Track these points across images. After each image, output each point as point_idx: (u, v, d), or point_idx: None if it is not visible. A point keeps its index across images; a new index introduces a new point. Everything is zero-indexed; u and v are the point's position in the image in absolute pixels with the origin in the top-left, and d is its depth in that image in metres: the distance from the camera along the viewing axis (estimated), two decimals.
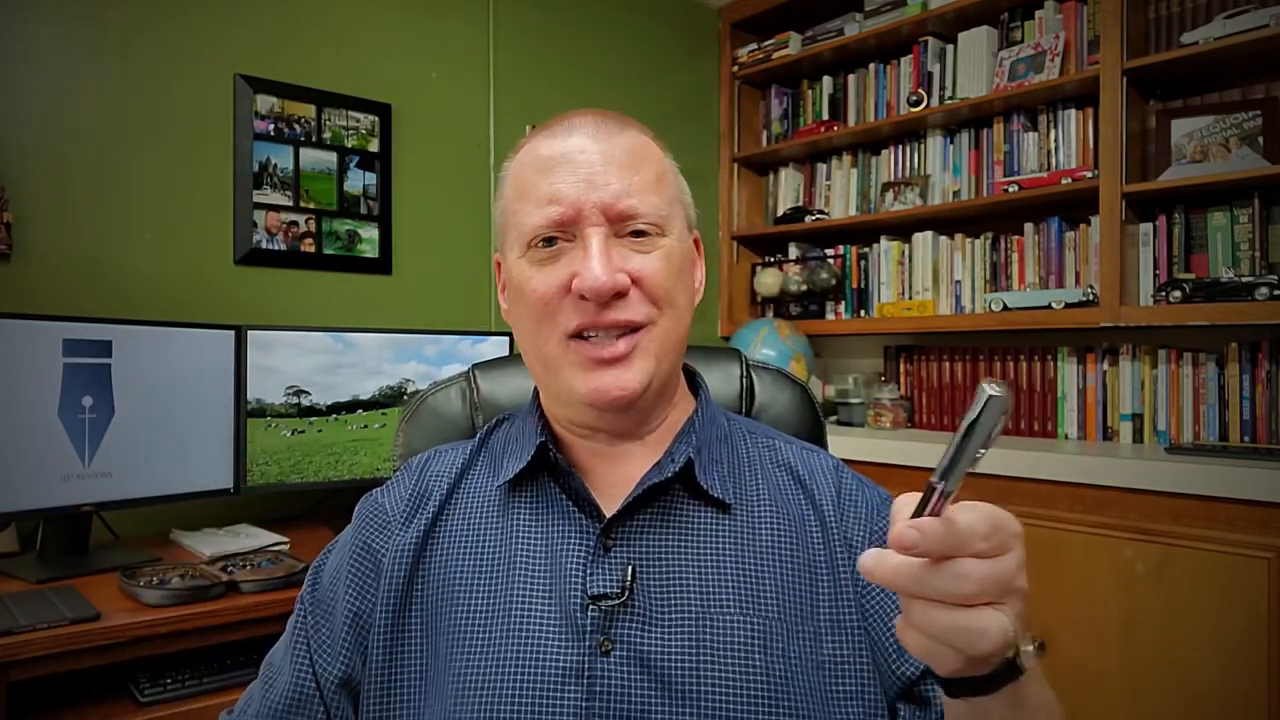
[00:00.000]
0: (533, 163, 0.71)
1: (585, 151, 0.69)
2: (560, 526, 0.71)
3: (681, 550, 0.69)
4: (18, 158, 1.78)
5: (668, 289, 0.69)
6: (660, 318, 0.69)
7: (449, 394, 0.97)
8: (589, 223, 0.67)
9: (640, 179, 0.69)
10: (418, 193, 2.41)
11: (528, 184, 0.70)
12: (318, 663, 0.71)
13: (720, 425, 0.78)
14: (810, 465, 0.77)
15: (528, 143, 0.73)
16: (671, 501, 0.71)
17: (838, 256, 2.98)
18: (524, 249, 0.70)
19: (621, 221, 0.68)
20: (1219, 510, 1.77)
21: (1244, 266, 2.14)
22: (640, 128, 0.74)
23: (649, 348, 0.69)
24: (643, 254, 0.69)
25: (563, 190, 0.67)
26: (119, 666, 1.39)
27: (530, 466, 0.72)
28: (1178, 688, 1.79)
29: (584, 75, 2.77)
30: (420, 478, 0.78)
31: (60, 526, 1.62)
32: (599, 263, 0.66)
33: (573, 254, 0.68)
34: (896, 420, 2.69)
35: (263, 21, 2.12)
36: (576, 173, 0.68)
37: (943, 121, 2.70)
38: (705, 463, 0.72)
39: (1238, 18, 2.06)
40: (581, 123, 0.71)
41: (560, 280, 0.68)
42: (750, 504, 0.73)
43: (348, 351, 1.99)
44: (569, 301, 0.68)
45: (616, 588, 0.66)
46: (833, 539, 0.72)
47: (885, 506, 0.75)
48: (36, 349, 1.54)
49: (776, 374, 1.02)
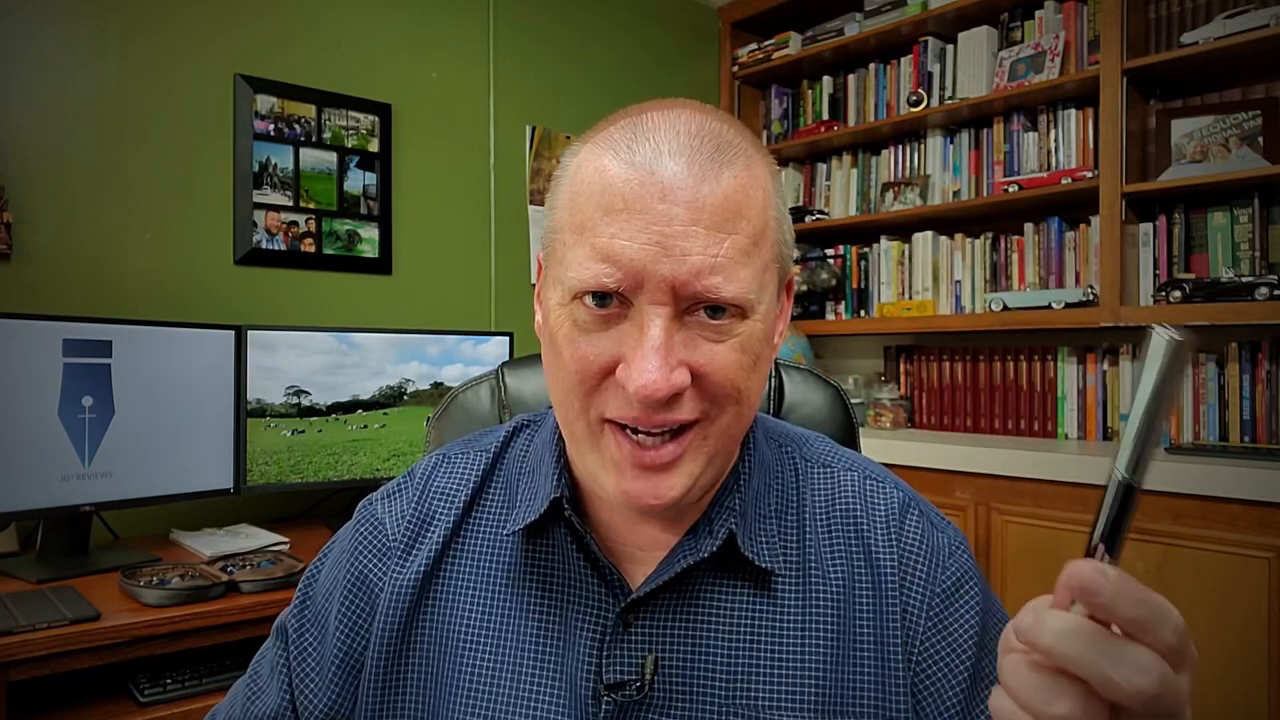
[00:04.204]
0: (595, 186, 0.54)
1: (668, 196, 0.51)
2: (576, 595, 0.62)
3: (712, 633, 0.60)
4: (18, 158, 1.78)
5: (737, 385, 0.55)
6: (720, 414, 0.55)
7: (479, 392, 0.98)
8: (651, 299, 0.52)
9: (732, 246, 0.52)
10: (418, 193, 2.41)
11: (585, 217, 0.54)
12: (299, 698, 0.65)
13: (769, 466, 0.66)
14: (871, 505, 0.65)
15: (595, 143, 0.56)
16: (706, 573, 0.61)
17: (838, 256, 2.98)
18: (567, 298, 0.55)
19: (695, 301, 0.53)
20: (1219, 510, 1.77)
21: (1244, 266, 2.14)
22: (749, 150, 0.55)
23: (701, 448, 0.56)
24: (714, 343, 0.54)
25: (625, 251, 0.51)
26: (119, 666, 1.39)
27: (542, 518, 0.63)
28: None
29: (584, 75, 2.77)
30: (424, 495, 0.68)
31: (60, 526, 1.62)
32: (655, 360, 0.51)
33: (624, 329, 0.53)
34: (897, 420, 2.69)
35: (263, 21, 2.12)
36: (649, 229, 0.51)
37: (943, 121, 2.70)
38: (750, 523, 0.62)
39: (1238, 18, 2.06)
40: (671, 142, 0.53)
41: (603, 359, 0.54)
42: (794, 567, 0.62)
43: (351, 352, 1.99)
44: (610, 386, 0.54)
45: (635, 677, 0.58)
46: (886, 606, 0.61)
47: (955, 554, 0.63)
48: (36, 349, 1.54)
49: (808, 374, 0.98)
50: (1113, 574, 0.36)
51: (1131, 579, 0.36)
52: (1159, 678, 0.35)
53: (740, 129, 0.57)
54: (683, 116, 0.55)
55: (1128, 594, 0.36)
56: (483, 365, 2.14)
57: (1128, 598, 0.35)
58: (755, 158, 0.56)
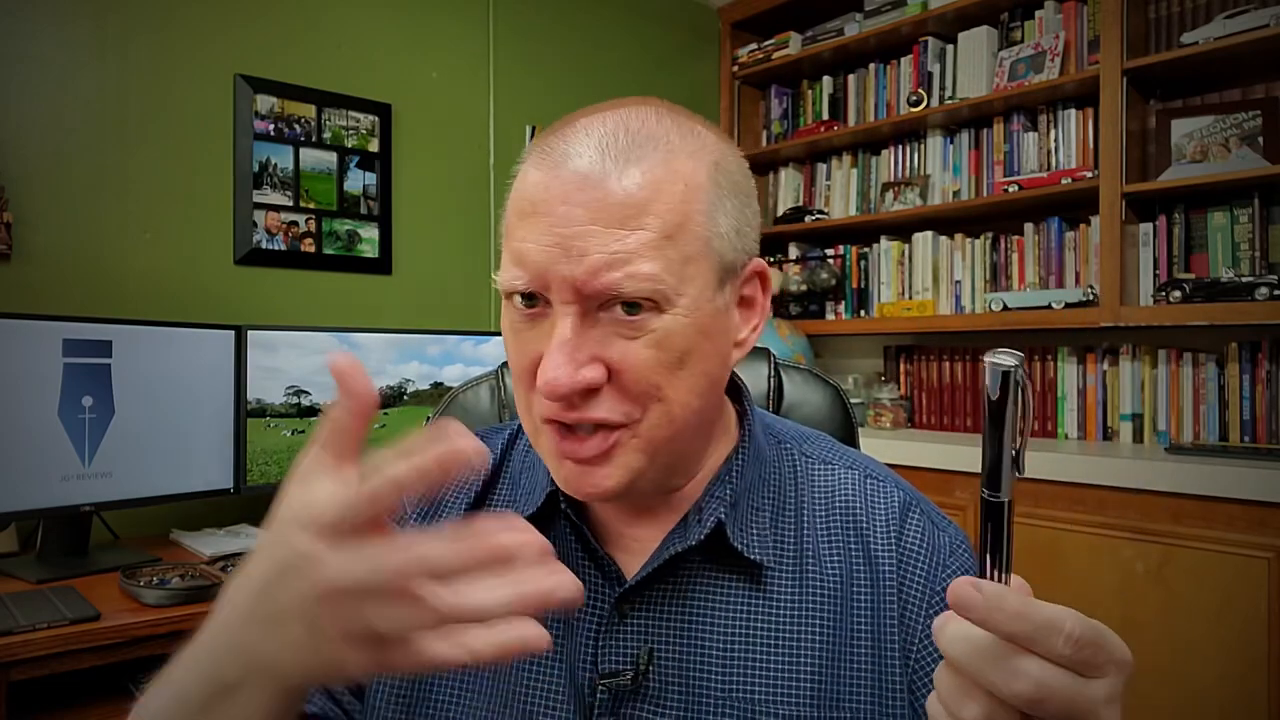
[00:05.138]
0: (517, 193, 0.56)
1: (569, 198, 0.53)
2: None
3: (706, 623, 0.60)
4: (18, 158, 1.78)
5: (655, 383, 0.54)
6: (644, 415, 0.55)
7: (479, 391, 0.98)
8: (560, 298, 0.53)
9: (636, 241, 0.52)
10: (418, 193, 2.41)
11: (509, 223, 0.57)
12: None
13: (766, 459, 0.67)
14: (871, 502, 0.65)
15: (530, 152, 0.59)
16: (698, 565, 0.62)
17: (838, 256, 2.98)
18: (507, 296, 0.57)
19: (600, 299, 0.53)
20: (1219, 510, 1.77)
21: (1244, 266, 2.14)
22: (670, 147, 0.55)
23: (633, 445, 0.56)
24: (628, 340, 0.54)
25: (532, 254, 0.53)
26: (119, 666, 1.39)
27: (542, 510, 0.64)
28: (1178, 688, 1.79)
29: (584, 75, 2.77)
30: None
31: (60, 526, 1.62)
32: (558, 357, 0.53)
33: (545, 327, 0.55)
34: (896, 420, 2.69)
35: (263, 21, 2.12)
36: (551, 231, 0.53)
37: (943, 121, 2.70)
38: (742, 514, 0.62)
39: (1238, 18, 2.06)
40: (582, 144, 0.54)
41: (530, 358, 0.56)
42: (790, 562, 0.62)
43: (351, 352, 1.99)
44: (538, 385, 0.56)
45: (629, 666, 0.59)
46: (883, 603, 0.61)
47: (956, 553, 0.64)
48: (36, 349, 1.54)
49: (807, 374, 0.98)
50: (989, 589, 0.38)
51: (1013, 595, 0.38)
52: (1035, 683, 0.37)
53: (678, 125, 0.57)
54: (610, 117, 0.56)
55: (1003, 609, 0.37)
56: (483, 365, 2.14)
57: (1002, 613, 0.37)
58: (678, 151, 0.55)
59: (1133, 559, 1.86)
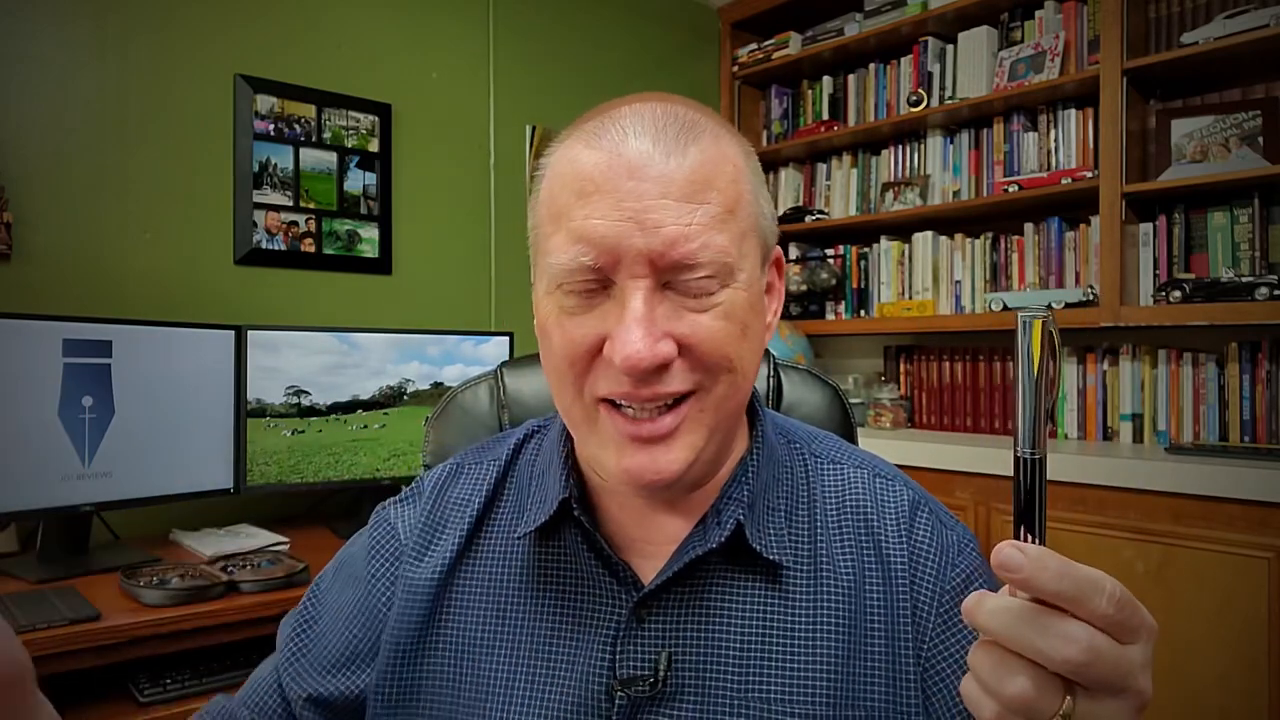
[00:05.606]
0: (568, 174, 0.56)
1: (636, 174, 0.53)
2: (589, 593, 0.62)
3: (724, 624, 0.60)
4: (18, 158, 1.78)
5: (726, 354, 0.55)
6: (715, 384, 0.56)
7: (477, 392, 0.98)
8: (630, 274, 0.53)
9: (705, 214, 0.53)
10: (418, 193, 2.41)
11: (560, 205, 0.56)
12: (286, 678, 0.67)
13: (779, 460, 0.67)
14: (881, 501, 0.65)
15: (568, 139, 0.58)
16: (716, 566, 0.61)
17: (838, 256, 2.98)
18: (552, 285, 0.56)
19: (674, 272, 0.54)
20: (1219, 510, 1.77)
21: (1244, 266, 2.14)
22: (715, 129, 0.57)
23: (700, 419, 0.56)
24: (697, 313, 0.54)
25: (599, 229, 0.53)
26: (119, 666, 1.39)
27: (553, 519, 0.63)
28: (1178, 688, 1.79)
29: (584, 75, 2.77)
30: (436, 504, 0.69)
31: (60, 526, 1.62)
32: (637, 331, 0.52)
33: (607, 307, 0.55)
34: (896, 420, 2.69)
35: (263, 21, 2.12)
36: (620, 206, 0.53)
37: (943, 121, 2.70)
38: (759, 514, 0.62)
39: (1238, 18, 2.06)
40: (636, 126, 0.55)
41: (589, 340, 0.55)
42: (805, 562, 0.62)
43: (352, 352, 1.99)
44: (600, 365, 0.55)
45: (649, 673, 0.58)
46: (896, 601, 0.61)
47: (964, 552, 0.64)
48: (36, 349, 1.54)
49: (806, 374, 0.98)
50: (1032, 550, 0.37)
51: (1054, 555, 0.37)
52: (1085, 647, 0.36)
53: (710, 115, 0.59)
54: (650, 104, 0.57)
55: (1048, 568, 0.37)
56: (483, 365, 2.14)
57: (1048, 572, 0.37)
58: (723, 136, 0.57)
59: (1133, 559, 1.86)
